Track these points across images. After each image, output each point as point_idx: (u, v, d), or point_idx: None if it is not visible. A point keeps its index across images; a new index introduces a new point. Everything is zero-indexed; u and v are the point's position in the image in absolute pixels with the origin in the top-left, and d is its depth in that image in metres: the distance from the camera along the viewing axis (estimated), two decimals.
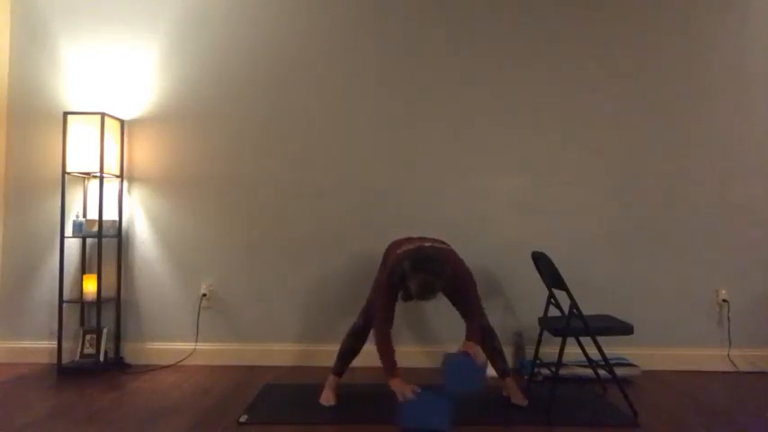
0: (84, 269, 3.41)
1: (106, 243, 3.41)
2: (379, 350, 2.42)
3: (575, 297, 2.59)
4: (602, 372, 2.91)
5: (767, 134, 3.48)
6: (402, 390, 2.31)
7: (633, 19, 3.50)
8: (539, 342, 2.95)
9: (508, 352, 3.29)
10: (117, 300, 3.42)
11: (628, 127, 3.48)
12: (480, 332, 2.48)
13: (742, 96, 3.48)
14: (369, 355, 3.25)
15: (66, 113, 3.22)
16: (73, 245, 3.44)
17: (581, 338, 2.77)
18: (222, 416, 2.53)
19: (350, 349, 2.74)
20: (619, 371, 3.02)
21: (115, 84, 3.50)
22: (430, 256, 2.36)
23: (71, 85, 3.50)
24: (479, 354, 2.40)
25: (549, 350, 3.23)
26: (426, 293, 2.31)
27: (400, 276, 2.35)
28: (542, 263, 2.74)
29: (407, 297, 2.42)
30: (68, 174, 3.26)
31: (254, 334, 3.45)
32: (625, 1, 3.50)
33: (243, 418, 2.47)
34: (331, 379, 2.76)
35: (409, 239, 2.69)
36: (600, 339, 2.64)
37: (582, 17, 3.50)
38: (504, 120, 3.49)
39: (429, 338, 3.45)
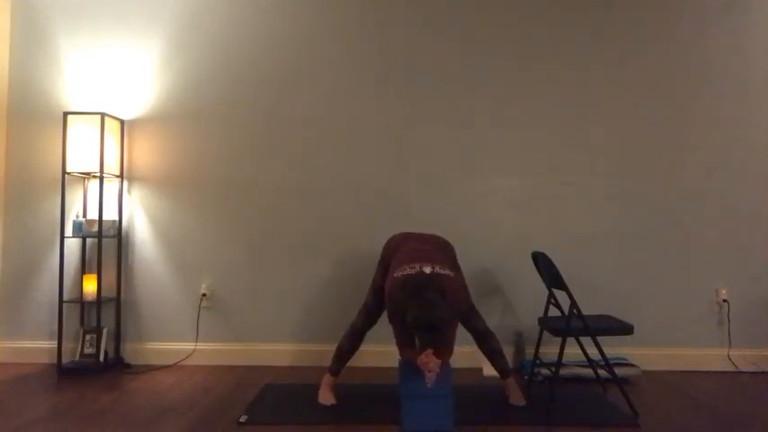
0: (84, 269, 3.41)
1: (106, 243, 3.41)
2: (404, 358, 2.44)
3: (575, 297, 2.59)
4: (602, 372, 2.92)
5: (766, 133, 3.48)
6: (421, 365, 2.26)
7: (633, 20, 3.49)
8: (539, 342, 2.95)
9: (508, 352, 3.29)
10: (117, 300, 3.42)
11: (628, 127, 3.48)
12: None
13: (742, 97, 3.48)
14: (369, 354, 3.27)
15: (66, 113, 3.22)
16: (73, 245, 3.44)
17: (581, 338, 2.77)
18: (222, 416, 2.53)
19: (348, 349, 2.73)
20: (619, 371, 3.03)
21: (115, 84, 3.50)
22: (435, 302, 2.20)
23: (71, 85, 3.50)
24: (431, 365, 2.25)
25: (549, 350, 3.25)
26: (431, 342, 2.23)
27: (402, 308, 2.28)
28: (542, 263, 2.74)
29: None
30: (68, 174, 3.26)
31: (254, 334, 3.45)
32: (623, 2, 3.50)
33: (243, 418, 2.47)
34: (327, 378, 2.76)
35: (407, 237, 2.68)
36: (600, 339, 2.64)
37: (581, 17, 3.50)
38: (504, 120, 3.49)
39: None
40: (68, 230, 3.33)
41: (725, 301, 3.42)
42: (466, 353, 3.22)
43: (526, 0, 3.50)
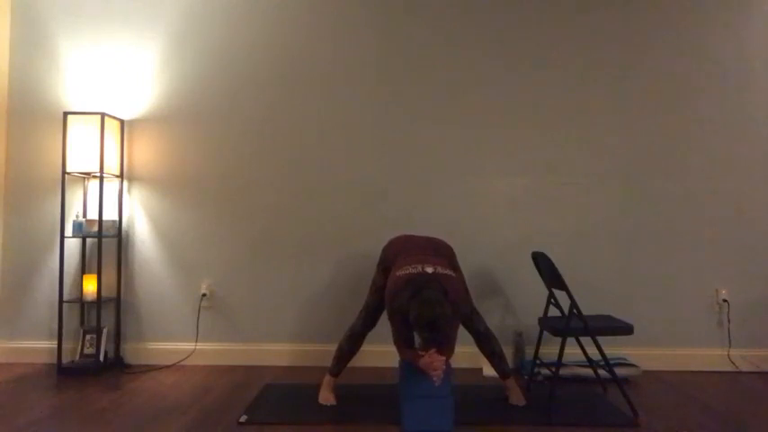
0: (84, 269, 3.41)
1: (106, 243, 3.41)
2: (404, 358, 2.44)
3: (575, 297, 2.59)
4: (602, 372, 2.92)
5: (767, 134, 3.48)
6: (426, 366, 2.26)
7: (633, 19, 3.50)
8: (539, 342, 2.95)
9: (508, 352, 3.29)
10: (117, 300, 3.42)
11: (628, 127, 3.48)
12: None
13: (742, 96, 3.48)
14: (369, 354, 3.27)
15: (66, 113, 3.22)
16: (73, 245, 3.44)
17: (581, 338, 2.77)
18: (222, 416, 2.53)
19: (348, 351, 2.72)
20: (619, 371, 3.03)
21: (115, 84, 3.50)
22: (437, 299, 2.21)
23: (71, 85, 3.50)
24: (436, 364, 2.25)
25: (549, 350, 3.24)
26: (433, 341, 2.25)
27: (404, 307, 2.28)
28: (542, 263, 2.74)
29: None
30: (68, 174, 3.26)
31: (254, 334, 3.45)
32: (625, 2, 3.50)
33: (243, 418, 2.47)
34: (328, 379, 2.76)
35: (408, 239, 2.68)
36: (600, 339, 2.64)
37: (581, 17, 3.50)
38: (504, 120, 3.49)
39: None
40: (68, 230, 3.32)
41: (725, 301, 3.42)
42: (466, 353, 3.22)
43: (527, 0, 3.50)
